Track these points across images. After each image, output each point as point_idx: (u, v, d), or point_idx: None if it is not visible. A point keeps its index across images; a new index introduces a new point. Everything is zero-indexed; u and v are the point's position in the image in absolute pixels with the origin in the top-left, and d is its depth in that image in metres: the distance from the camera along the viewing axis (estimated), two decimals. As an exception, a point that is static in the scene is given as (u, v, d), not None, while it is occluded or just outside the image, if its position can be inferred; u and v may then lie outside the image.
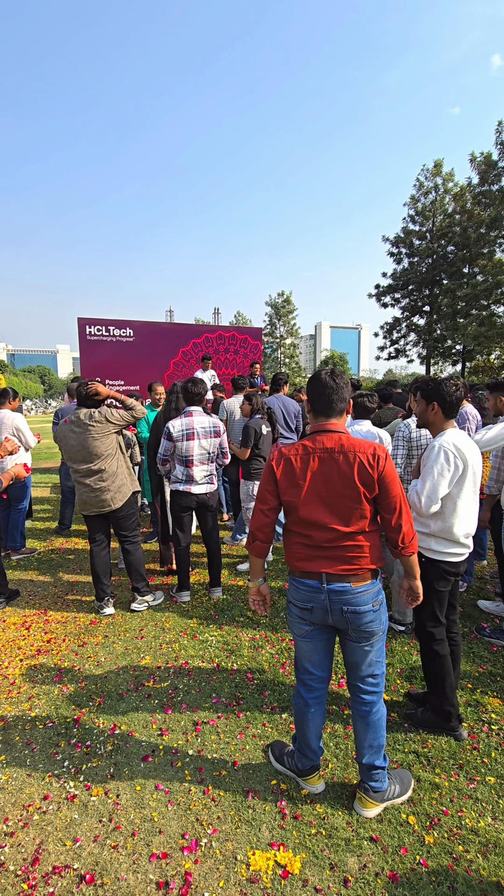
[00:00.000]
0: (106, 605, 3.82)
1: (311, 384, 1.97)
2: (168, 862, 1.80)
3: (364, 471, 1.81)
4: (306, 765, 2.14)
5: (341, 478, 1.82)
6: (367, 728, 2.01)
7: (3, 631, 3.55)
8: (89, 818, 1.99)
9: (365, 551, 1.87)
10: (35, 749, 2.36)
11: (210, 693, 2.79)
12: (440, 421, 2.40)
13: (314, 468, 1.85)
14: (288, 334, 43.79)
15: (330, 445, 1.85)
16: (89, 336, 9.29)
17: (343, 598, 1.87)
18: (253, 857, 1.81)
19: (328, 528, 1.85)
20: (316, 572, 1.90)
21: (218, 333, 10.42)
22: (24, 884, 1.72)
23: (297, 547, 1.94)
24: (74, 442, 3.60)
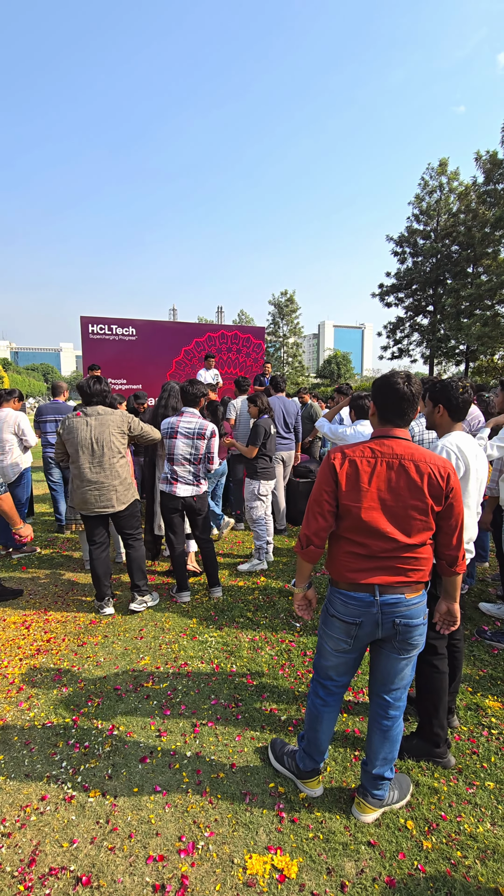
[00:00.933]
0: (106, 605, 3.80)
1: (383, 390, 1.83)
2: (165, 864, 1.80)
3: (434, 483, 1.74)
4: (308, 766, 2.10)
5: (410, 487, 1.74)
6: (385, 742, 1.96)
7: (3, 630, 3.55)
8: (87, 819, 1.98)
9: (422, 564, 1.80)
10: (33, 749, 2.36)
11: (209, 694, 2.79)
12: (447, 423, 2.36)
13: (381, 473, 1.75)
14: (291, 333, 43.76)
15: (400, 452, 1.76)
16: (92, 335, 9.28)
17: (397, 610, 1.79)
18: (250, 860, 1.81)
19: (389, 538, 1.75)
20: (368, 584, 1.79)
21: (221, 332, 10.40)
22: (21, 885, 1.71)
23: (349, 557, 1.82)
24: (86, 434, 3.54)
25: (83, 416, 3.59)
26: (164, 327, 10.26)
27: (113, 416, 3.66)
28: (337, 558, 1.87)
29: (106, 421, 3.61)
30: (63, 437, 3.63)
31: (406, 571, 1.79)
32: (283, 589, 4.30)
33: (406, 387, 1.78)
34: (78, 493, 3.64)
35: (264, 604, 3.98)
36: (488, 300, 21.76)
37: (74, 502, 3.71)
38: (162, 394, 4.45)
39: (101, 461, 3.57)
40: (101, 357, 9.01)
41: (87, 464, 3.56)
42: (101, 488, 3.59)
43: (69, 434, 3.59)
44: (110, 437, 3.59)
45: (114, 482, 3.61)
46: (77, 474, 3.60)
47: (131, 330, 9.57)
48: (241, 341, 10.53)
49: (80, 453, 3.56)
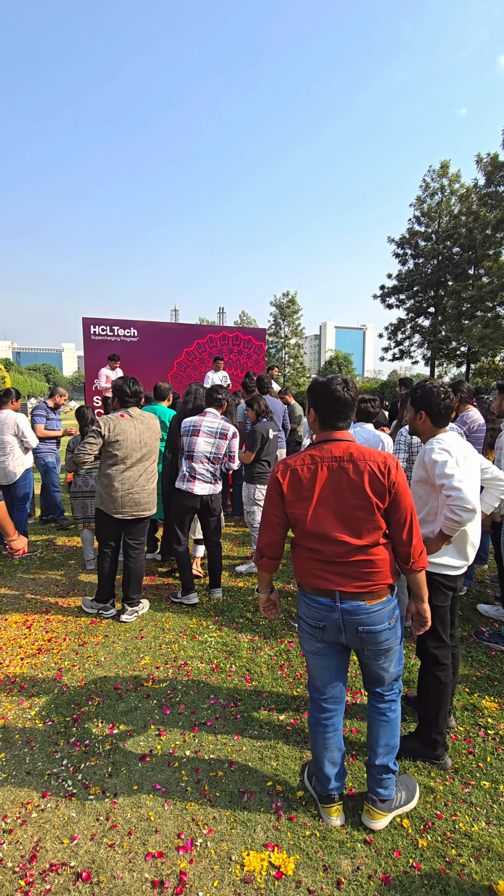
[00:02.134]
0: (112, 607, 3.80)
1: (321, 395, 1.82)
2: (163, 861, 1.82)
3: (375, 480, 1.73)
4: (321, 791, 2.01)
5: (351, 487, 1.74)
6: (387, 725, 1.96)
7: (4, 629, 3.58)
8: (87, 816, 2.01)
9: (379, 565, 1.78)
10: (34, 747, 2.39)
11: (208, 694, 2.81)
12: (429, 429, 2.31)
13: (323, 478, 1.76)
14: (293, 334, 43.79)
15: (338, 454, 1.77)
16: (94, 336, 9.33)
17: (357, 618, 1.78)
18: (247, 857, 1.83)
19: (339, 542, 1.75)
20: (328, 590, 1.80)
21: (222, 334, 10.44)
22: (22, 880, 1.74)
23: (308, 562, 1.84)
24: (136, 437, 3.58)
25: (128, 417, 3.60)
26: (166, 328, 10.30)
27: (154, 421, 3.76)
28: (299, 564, 1.90)
29: (150, 425, 3.70)
30: (109, 439, 3.53)
31: (364, 575, 1.77)
32: (282, 590, 4.33)
33: (344, 391, 1.80)
34: (117, 496, 3.55)
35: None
36: (489, 302, 21.77)
37: (107, 505, 3.59)
38: (187, 396, 4.42)
39: (145, 465, 3.64)
40: (102, 358, 9.04)
41: (136, 467, 3.60)
42: (143, 492, 3.64)
43: (120, 436, 3.54)
44: (153, 442, 3.68)
45: (152, 486, 3.71)
46: (119, 477, 3.55)
47: (133, 331, 9.62)
48: (243, 342, 10.57)
49: (130, 456, 3.57)
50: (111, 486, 3.56)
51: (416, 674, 2.94)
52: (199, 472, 3.91)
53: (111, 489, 3.56)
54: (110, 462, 3.57)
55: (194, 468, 3.91)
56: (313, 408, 1.88)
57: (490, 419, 4.47)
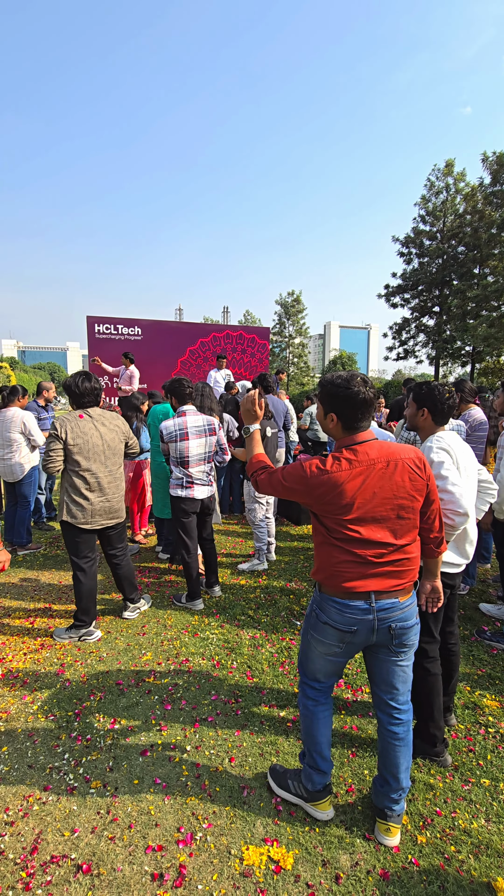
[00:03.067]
0: (96, 630, 3.45)
1: (343, 398, 1.74)
2: (163, 854, 1.84)
3: (416, 477, 1.75)
4: (318, 783, 1.98)
5: (395, 489, 1.71)
6: (406, 749, 1.91)
7: (7, 625, 3.60)
8: (88, 810, 2.03)
9: (413, 563, 1.80)
10: (36, 741, 2.41)
11: (209, 690, 2.83)
12: (429, 427, 2.32)
13: (365, 484, 1.70)
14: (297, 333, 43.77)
15: (375, 456, 1.72)
16: (98, 334, 9.36)
17: (392, 615, 1.77)
18: (247, 851, 1.84)
19: (381, 544, 1.72)
20: (365, 592, 1.75)
21: (226, 333, 10.45)
22: (23, 872, 1.76)
23: (344, 566, 1.75)
24: (98, 440, 3.27)
25: (88, 418, 3.29)
26: (170, 327, 10.32)
27: (118, 420, 3.47)
28: (331, 568, 1.78)
29: (114, 426, 3.41)
30: (68, 441, 3.17)
31: (399, 574, 1.77)
32: (284, 588, 4.33)
33: (368, 391, 1.73)
34: (87, 506, 3.25)
35: (265, 602, 4.02)
36: (494, 301, 21.69)
37: (76, 516, 3.23)
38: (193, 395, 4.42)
39: (111, 469, 3.36)
40: (107, 356, 9.07)
41: (102, 472, 3.30)
42: (114, 498, 3.39)
43: (81, 438, 3.21)
44: (118, 444, 3.42)
45: (120, 491, 3.46)
46: (84, 485, 3.23)
47: (137, 330, 9.64)
48: (247, 341, 10.57)
49: (95, 460, 3.27)
50: (80, 495, 3.23)
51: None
52: (197, 476, 3.83)
53: (80, 498, 3.23)
54: (75, 469, 3.22)
55: (191, 474, 3.81)
56: (334, 412, 1.78)
57: (492, 417, 4.46)
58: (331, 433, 1.84)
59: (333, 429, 1.82)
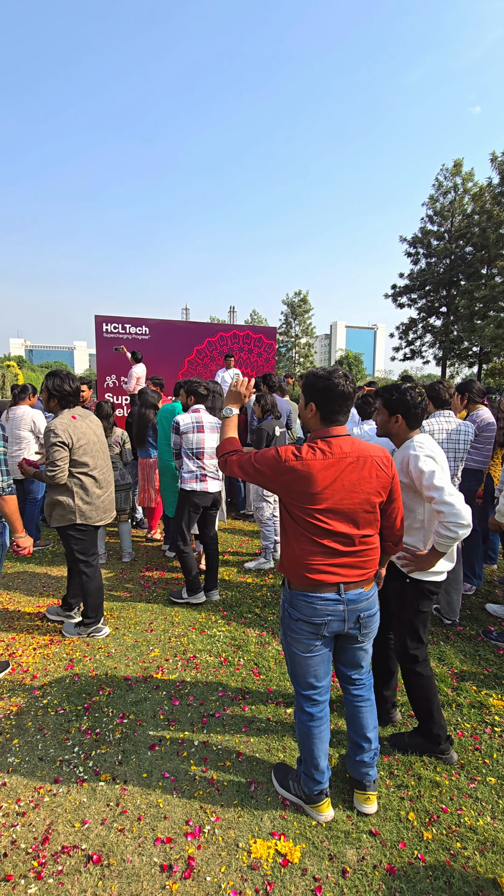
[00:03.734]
0: (105, 625, 3.49)
1: (322, 390, 1.80)
2: (172, 846, 1.86)
3: (382, 474, 1.83)
4: (314, 790, 1.99)
5: (363, 483, 1.79)
6: (372, 708, 2.06)
7: (17, 620, 3.65)
8: (97, 802, 2.06)
9: (374, 553, 1.90)
10: (47, 734, 2.44)
11: (217, 687, 2.85)
12: (404, 432, 2.28)
13: (337, 476, 1.75)
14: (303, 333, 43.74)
15: (348, 450, 1.79)
16: (106, 333, 9.41)
17: (359, 606, 1.86)
18: (254, 845, 1.87)
19: (346, 536, 1.80)
20: (334, 583, 1.81)
21: (233, 332, 10.47)
22: (35, 861, 1.79)
23: (312, 558, 1.80)
24: (94, 437, 3.32)
25: (79, 418, 3.26)
26: (177, 327, 10.36)
27: (95, 417, 3.51)
28: (301, 561, 1.82)
29: (97, 422, 3.47)
30: (75, 445, 3.14)
31: (363, 564, 1.86)
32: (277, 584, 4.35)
33: (347, 385, 1.80)
34: (99, 503, 3.30)
35: (272, 601, 4.04)
36: (502, 302, 21.58)
37: (89, 515, 3.24)
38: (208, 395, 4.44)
39: (106, 466, 3.43)
40: (113, 356, 9.11)
41: (104, 467, 3.38)
42: (112, 492, 3.49)
43: (82, 439, 3.19)
44: (104, 438, 3.51)
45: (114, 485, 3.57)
46: (94, 483, 3.27)
47: (144, 329, 9.68)
48: (253, 341, 10.59)
49: (97, 457, 3.31)
50: (92, 494, 3.25)
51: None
52: (210, 469, 3.92)
53: (93, 497, 3.25)
54: (84, 470, 3.20)
55: (205, 466, 3.90)
56: (314, 402, 1.84)
57: (500, 418, 4.46)
58: (308, 424, 1.91)
59: (311, 419, 1.88)
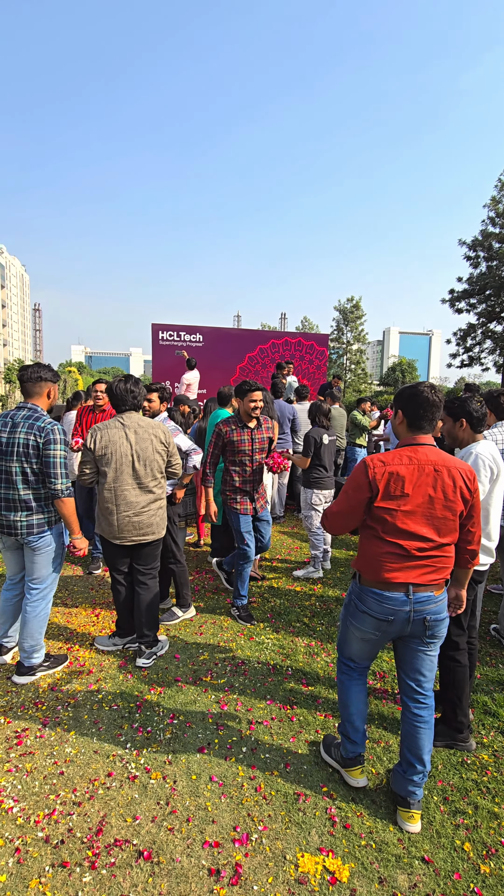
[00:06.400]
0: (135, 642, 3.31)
1: (412, 400, 1.95)
2: (220, 851, 1.88)
3: (465, 486, 1.92)
4: (350, 752, 2.20)
5: (444, 492, 1.90)
6: (429, 731, 2.05)
7: (75, 616, 3.81)
8: (148, 799, 2.11)
9: (449, 562, 1.98)
10: (101, 728, 2.54)
11: (265, 694, 2.85)
12: (469, 436, 2.58)
13: (420, 481, 1.89)
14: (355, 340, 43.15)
15: (433, 459, 1.92)
16: (162, 341, 9.71)
17: (427, 608, 1.94)
18: (302, 858, 1.85)
19: (424, 539, 1.90)
20: (403, 583, 1.92)
21: (284, 339, 10.50)
22: (89, 851, 1.86)
23: (388, 557, 1.93)
24: (128, 449, 2.98)
25: (120, 426, 3.02)
26: (230, 334, 10.53)
27: (158, 429, 3.10)
28: (375, 559, 1.96)
29: (149, 434, 3.05)
30: (96, 452, 2.97)
31: (437, 569, 1.94)
32: (340, 598, 4.29)
33: (434, 395, 1.94)
34: (107, 519, 3.03)
35: (321, 611, 3.99)
36: None
37: (104, 529, 3.07)
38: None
39: (142, 482, 3.03)
40: (169, 362, 9.39)
41: (129, 484, 3.00)
42: (145, 514, 3.05)
43: (107, 448, 2.96)
44: (154, 454, 3.06)
45: (154, 506, 3.11)
46: (111, 497, 2.99)
47: (198, 336, 9.90)
48: (305, 348, 10.57)
49: (123, 472, 2.99)
50: (106, 509, 3.02)
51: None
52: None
53: (107, 512, 3.02)
54: (101, 480, 3.03)
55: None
56: (401, 410, 2.01)
57: None
58: (397, 431, 2.06)
59: (399, 427, 2.04)
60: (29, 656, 2.93)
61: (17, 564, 3.03)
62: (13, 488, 2.78)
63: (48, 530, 2.88)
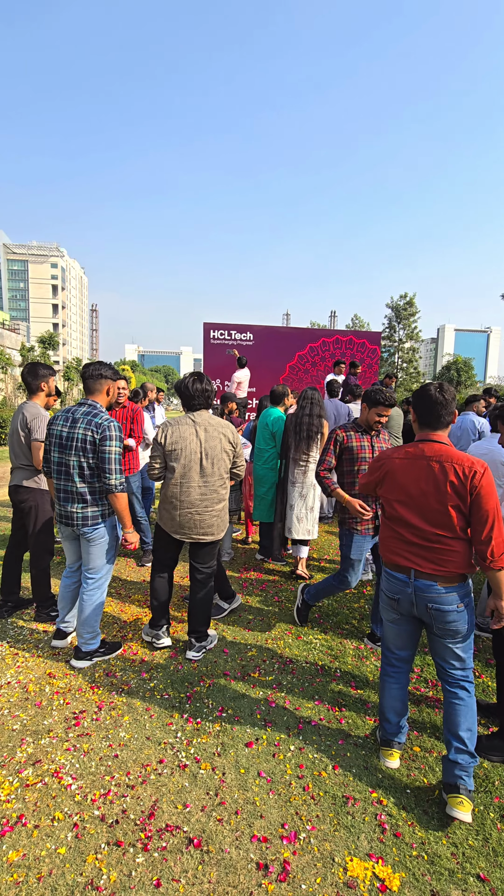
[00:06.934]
0: (164, 636, 3.31)
1: (419, 399, 2.15)
2: (268, 847, 1.89)
3: (457, 480, 1.97)
4: (382, 735, 2.36)
5: (433, 484, 2.03)
6: (465, 710, 2.07)
7: (128, 606, 3.94)
8: (198, 788, 2.15)
9: (453, 556, 2.02)
10: (153, 716, 2.61)
11: (313, 694, 2.84)
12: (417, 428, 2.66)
13: (412, 472, 2.10)
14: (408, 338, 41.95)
15: (430, 454, 2.07)
16: (213, 340, 9.85)
17: (428, 596, 2.06)
18: (350, 863, 1.83)
19: (415, 528, 2.08)
20: (405, 567, 2.12)
21: (335, 338, 10.38)
22: (142, 833, 1.92)
23: (391, 541, 2.19)
24: (196, 447, 3.02)
25: (190, 422, 3.07)
26: (280, 332, 10.52)
27: (226, 428, 3.15)
28: (384, 541, 2.26)
29: (218, 433, 3.09)
30: (166, 448, 3.02)
31: (437, 560, 2.04)
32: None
33: (439, 394, 2.09)
34: (175, 514, 3.06)
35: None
36: None
37: (165, 522, 3.13)
38: (303, 402, 4.41)
39: (207, 480, 3.06)
40: (220, 361, 9.50)
41: (195, 482, 3.03)
42: (207, 513, 3.08)
43: (177, 445, 3.00)
44: (221, 453, 3.08)
45: (218, 506, 3.13)
46: (176, 493, 3.04)
47: (249, 335, 9.96)
48: (356, 346, 10.40)
49: (191, 468, 3.03)
50: (170, 503, 3.07)
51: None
52: None
53: (170, 506, 3.07)
54: (169, 475, 3.07)
55: None
56: (413, 408, 2.20)
57: None
58: (414, 429, 2.24)
59: (414, 424, 2.23)
60: (86, 642, 3.06)
61: (74, 553, 3.18)
62: (71, 481, 2.91)
63: (102, 523, 3.00)
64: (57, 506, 3.03)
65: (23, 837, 1.90)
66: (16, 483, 3.60)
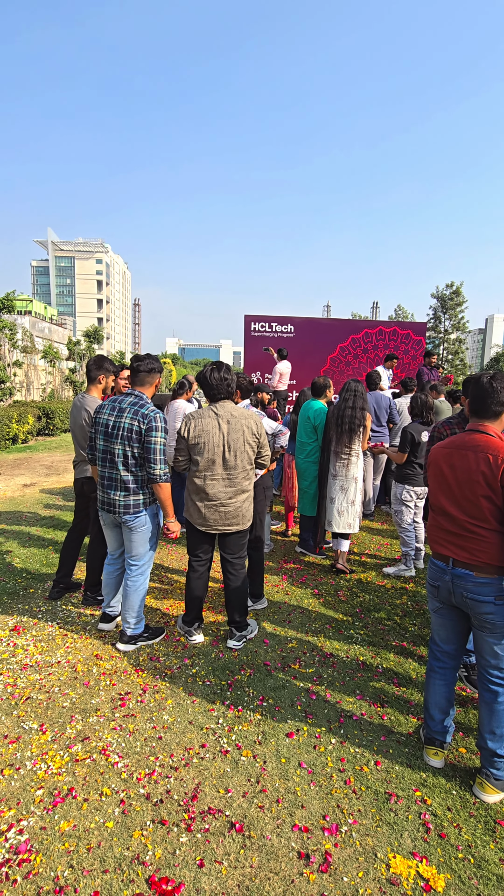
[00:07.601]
0: (196, 632, 3.30)
1: (471, 387, 2.18)
2: (309, 837, 1.89)
3: (489, 470, 1.98)
4: (426, 734, 2.34)
5: (467, 473, 2.05)
6: (492, 715, 2.09)
7: (170, 594, 4.03)
8: (239, 774, 2.18)
9: (488, 547, 2.02)
10: (195, 701, 2.66)
11: (354, 689, 2.81)
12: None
13: (449, 461, 2.14)
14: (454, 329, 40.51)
15: (470, 443, 2.08)
16: (254, 332, 9.82)
17: (464, 585, 2.08)
18: (394, 859, 1.81)
19: (450, 516, 2.13)
20: (444, 555, 2.16)
21: (378, 329, 10.12)
22: (185, 814, 1.97)
23: (433, 529, 2.26)
24: (219, 439, 3.01)
25: (213, 414, 3.05)
26: (321, 324, 10.37)
27: (251, 420, 3.10)
28: (428, 529, 2.34)
29: (241, 425, 3.05)
30: (190, 441, 3.03)
31: (471, 550, 2.05)
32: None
33: (489, 383, 2.07)
34: (201, 507, 3.08)
35: (413, 611, 3.84)
36: None
37: (192, 515, 3.14)
38: (345, 394, 4.37)
39: (231, 472, 3.05)
40: (259, 354, 9.47)
41: (219, 474, 3.04)
42: (231, 504, 3.08)
43: (201, 437, 3.00)
44: (244, 445, 3.06)
45: (241, 497, 3.12)
46: (200, 485, 3.05)
47: (290, 327, 9.88)
48: (400, 337, 10.12)
49: (215, 461, 3.02)
50: (196, 495, 3.09)
51: None
52: None
53: (195, 499, 3.09)
54: (194, 468, 3.08)
55: None
56: (465, 397, 2.34)
57: None
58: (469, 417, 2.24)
59: (466, 412, 2.28)
60: (131, 627, 3.15)
61: (116, 541, 3.26)
62: (115, 469, 2.99)
63: (143, 511, 3.06)
64: (100, 492, 3.12)
65: (73, 809, 1.99)
66: (81, 476, 3.72)
